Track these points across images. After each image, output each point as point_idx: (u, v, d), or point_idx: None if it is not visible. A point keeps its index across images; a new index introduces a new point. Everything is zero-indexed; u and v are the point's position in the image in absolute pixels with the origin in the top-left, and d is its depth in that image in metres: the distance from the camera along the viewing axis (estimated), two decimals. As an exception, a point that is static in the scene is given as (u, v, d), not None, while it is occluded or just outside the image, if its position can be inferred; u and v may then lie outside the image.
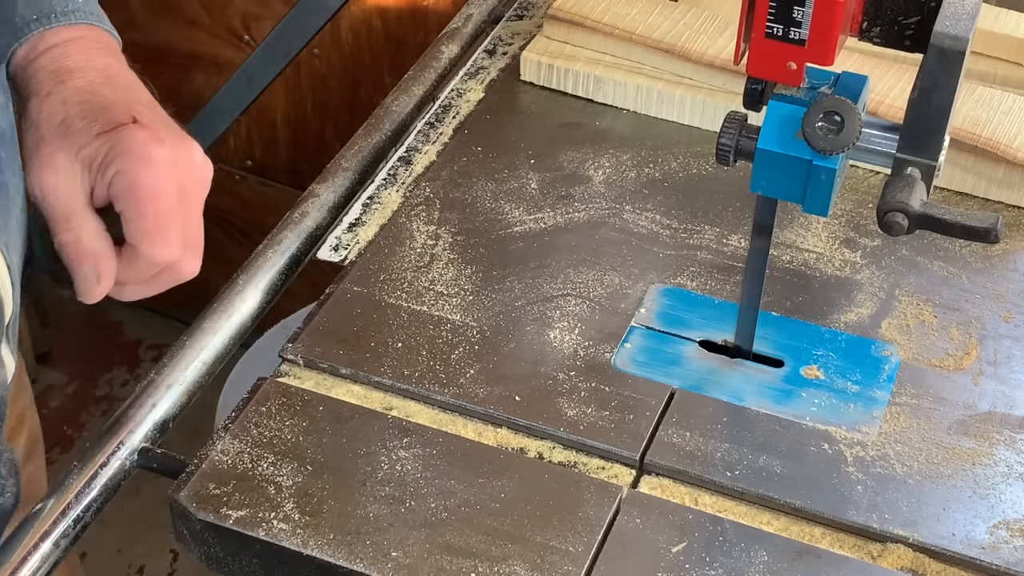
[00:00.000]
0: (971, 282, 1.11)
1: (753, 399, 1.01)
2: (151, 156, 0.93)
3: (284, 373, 1.04)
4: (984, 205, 1.17)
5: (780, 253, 1.12)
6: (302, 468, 0.96)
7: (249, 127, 2.16)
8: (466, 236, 1.14)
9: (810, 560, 0.92)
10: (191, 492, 0.94)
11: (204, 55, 2.11)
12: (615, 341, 1.05)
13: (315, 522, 0.93)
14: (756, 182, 0.93)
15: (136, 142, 0.93)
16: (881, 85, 1.18)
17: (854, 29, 0.88)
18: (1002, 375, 1.04)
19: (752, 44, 0.88)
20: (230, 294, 1.08)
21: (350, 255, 1.13)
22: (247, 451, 0.97)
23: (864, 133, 0.89)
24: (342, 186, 1.17)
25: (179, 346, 1.04)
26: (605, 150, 1.23)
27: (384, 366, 1.03)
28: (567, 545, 0.92)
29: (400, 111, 1.25)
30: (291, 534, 0.92)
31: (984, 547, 0.92)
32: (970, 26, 0.85)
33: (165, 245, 0.94)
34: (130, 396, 1.01)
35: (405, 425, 1.00)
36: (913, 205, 0.87)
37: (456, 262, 1.12)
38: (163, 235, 0.94)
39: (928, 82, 0.86)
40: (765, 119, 0.91)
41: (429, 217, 1.16)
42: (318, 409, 1.01)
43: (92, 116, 0.95)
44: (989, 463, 0.97)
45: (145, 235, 0.93)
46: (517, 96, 1.29)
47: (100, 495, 0.95)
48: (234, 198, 2.27)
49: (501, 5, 1.39)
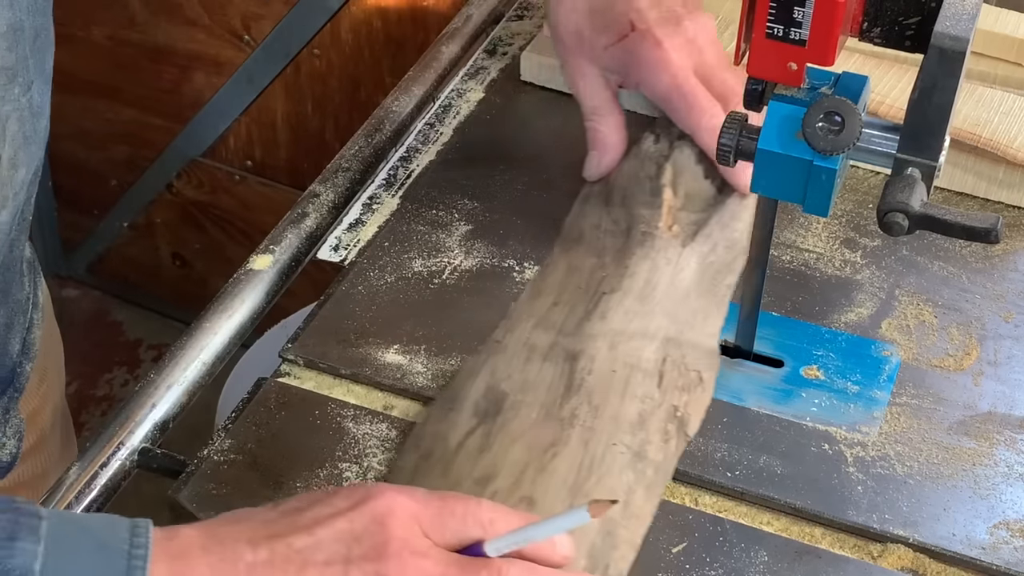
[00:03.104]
0: (971, 282, 1.11)
1: (753, 399, 1.01)
2: (656, 62, 1.08)
3: (284, 373, 1.04)
4: (984, 205, 1.17)
5: (780, 253, 1.12)
6: (302, 468, 0.96)
7: (249, 127, 2.17)
8: (466, 236, 1.14)
9: (810, 560, 0.92)
10: (191, 492, 0.94)
11: (204, 55, 2.11)
12: (615, 341, 1.05)
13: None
14: (756, 182, 0.93)
15: (641, 53, 1.09)
16: (881, 85, 1.18)
17: (854, 29, 0.88)
18: (1002, 375, 1.04)
19: (752, 44, 0.88)
20: (230, 294, 1.08)
21: (350, 255, 1.13)
22: (247, 451, 0.97)
23: (864, 133, 0.89)
24: (342, 186, 1.18)
25: (179, 346, 1.04)
26: (605, 150, 1.23)
27: (384, 366, 1.03)
28: (567, 545, 0.92)
29: (400, 111, 1.25)
30: (291, 534, 0.92)
31: (984, 547, 0.92)
32: (970, 26, 0.85)
33: (710, 117, 1.07)
34: (130, 396, 1.01)
35: (405, 425, 1.00)
36: (913, 205, 0.87)
37: (456, 262, 1.12)
38: (702, 113, 1.08)
39: (928, 82, 0.86)
40: (765, 119, 0.91)
41: (429, 217, 1.16)
42: (318, 409, 1.01)
43: (598, 27, 1.10)
44: (989, 463, 0.97)
45: (691, 123, 1.09)
46: (517, 96, 1.29)
47: (100, 495, 0.95)
48: (234, 198, 2.27)
49: (501, 5, 1.39)
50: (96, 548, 0.72)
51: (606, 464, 0.92)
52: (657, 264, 1.05)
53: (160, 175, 2.31)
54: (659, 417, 0.96)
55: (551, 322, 1.03)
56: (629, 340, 1.00)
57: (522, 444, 0.93)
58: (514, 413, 0.95)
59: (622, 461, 0.93)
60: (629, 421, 0.95)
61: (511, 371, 0.99)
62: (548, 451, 0.93)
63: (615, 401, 0.96)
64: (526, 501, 0.89)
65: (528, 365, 0.99)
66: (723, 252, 1.08)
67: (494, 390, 0.97)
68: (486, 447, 0.93)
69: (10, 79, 0.83)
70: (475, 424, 0.96)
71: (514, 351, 1.00)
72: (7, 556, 0.70)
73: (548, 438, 0.93)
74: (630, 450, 0.93)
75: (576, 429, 0.94)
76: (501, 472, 0.91)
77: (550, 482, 0.91)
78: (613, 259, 1.06)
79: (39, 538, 0.71)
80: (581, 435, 0.94)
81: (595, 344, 1.00)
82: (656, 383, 0.98)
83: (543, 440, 0.93)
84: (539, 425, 0.94)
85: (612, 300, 1.03)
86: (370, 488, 0.77)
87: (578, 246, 1.09)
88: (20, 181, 0.90)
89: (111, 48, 2.18)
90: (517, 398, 0.96)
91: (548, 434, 0.94)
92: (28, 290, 1.06)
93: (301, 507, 0.77)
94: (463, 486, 0.91)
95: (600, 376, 0.97)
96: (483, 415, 0.96)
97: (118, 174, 2.36)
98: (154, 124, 2.24)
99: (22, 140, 0.87)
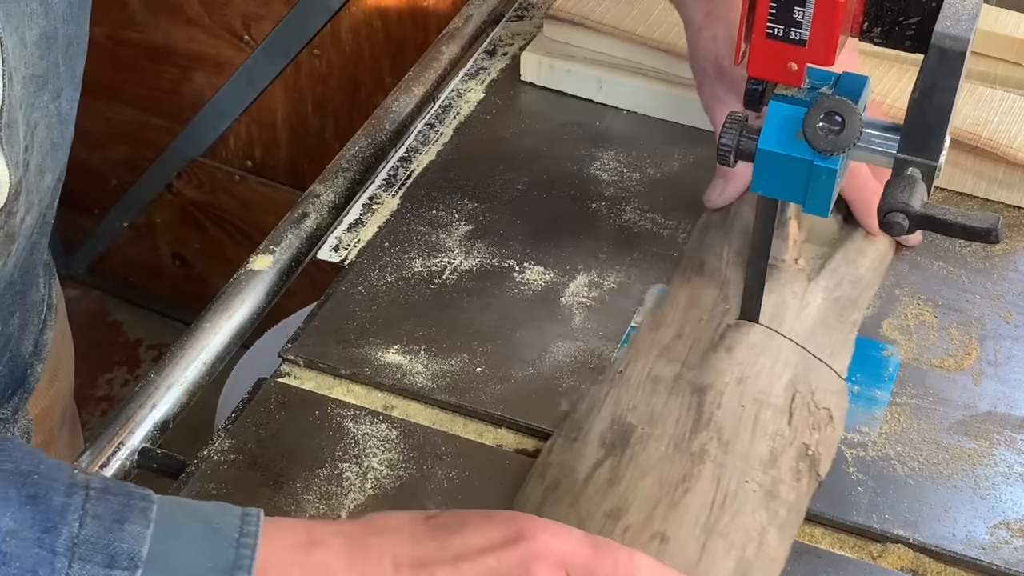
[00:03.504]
0: (971, 282, 1.11)
1: (753, 399, 1.01)
2: None
3: (284, 373, 1.04)
4: (984, 205, 1.17)
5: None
6: (302, 468, 0.96)
7: (249, 127, 2.16)
8: (466, 236, 1.14)
9: (810, 560, 0.92)
10: (191, 492, 0.94)
11: (204, 55, 2.11)
12: (615, 341, 1.05)
13: (315, 522, 0.93)
14: (756, 182, 0.93)
15: None
16: (881, 85, 1.18)
17: (854, 29, 0.88)
18: (1002, 375, 1.04)
19: (753, 44, 0.88)
20: (230, 294, 1.08)
21: (350, 255, 1.13)
22: (247, 451, 0.97)
23: (864, 133, 0.89)
24: (342, 186, 1.18)
25: (179, 346, 1.04)
26: (605, 150, 1.23)
27: (384, 366, 1.03)
28: (567, 545, 0.92)
29: (400, 111, 1.25)
30: (291, 534, 0.92)
31: (984, 547, 0.92)
32: (971, 26, 0.85)
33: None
34: (130, 396, 1.01)
35: (405, 425, 1.00)
36: (913, 205, 0.87)
37: (456, 262, 1.12)
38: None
39: (929, 82, 0.86)
40: (766, 119, 0.91)
41: (429, 217, 1.16)
42: (318, 409, 1.01)
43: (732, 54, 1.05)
44: (989, 463, 0.97)
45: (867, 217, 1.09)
46: (517, 96, 1.29)
47: (100, 495, 0.95)
48: (234, 198, 2.27)
49: (501, 5, 1.39)
50: (204, 533, 0.73)
51: (739, 502, 0.91)
52: (784, 298, 1.04)
53: (160, 175, 2.31)
54: (790, 455, 0.94)
55: (675, 354, 1.01)
56: (757, 376, 0.98)
57: (652, 478, 0.92)
58: (643, 446, 0.94)
59: (755, 499, 0.91)
60: (760, 458, 0.93)
61: (636, 402, 0.97)
62: (679, 486, 0.91)
63: (745, 437, 0.94)
64: (658, 538, 0.88)
65: (654, 397, 0.98)
66: (849, 288, 1.06)
67: (620, 421, 0.96)
68: (615, 480, 0.92)
69: (40, 86, 0.84)
70: (603, 456, 0.94)
71: (638, 382, 0.99)
72: (116, 539, 0.72)
73: (679, 473, 0.92)
74: (762, 488, 0.91)
75: (707, 464, 0.92)
76: (632, 506, 0.90)
77: (683, 519, 0.89)
78: (736, 291, 1.04)
79: (149, 521, 0.72)
80: (712, 471, 0.92)
81: (722, 378, 0.98)
82: (786, 420, 0.96)
83: (674, 475, 0.92)
84: (669, 459, 0.93)
85: (738, 334, 1.01)
86: (526, 524, 0.76)
87: (699, 277, 1.07)
88: (46, 187, 0.90)
89: (111, 48, 2.18)
90: (645, 430, 0.95)
91: (679, 468, 0.92)
92: (43, 291, 1.06)
93: (453, 527, 0.76)
94: (593, 519, 0.89)
95: (729, 411, 0.96)
96: (610, 447, 0.94)
97: (118, 174, 2.36)
98: (154, 124, 2.24)
99: (49, 147, 0.88)
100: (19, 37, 0.79)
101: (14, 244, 0.88)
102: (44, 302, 1.07)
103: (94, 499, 0.73)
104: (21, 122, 0.82)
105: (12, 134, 0.81)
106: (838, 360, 1.02)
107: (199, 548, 0.73)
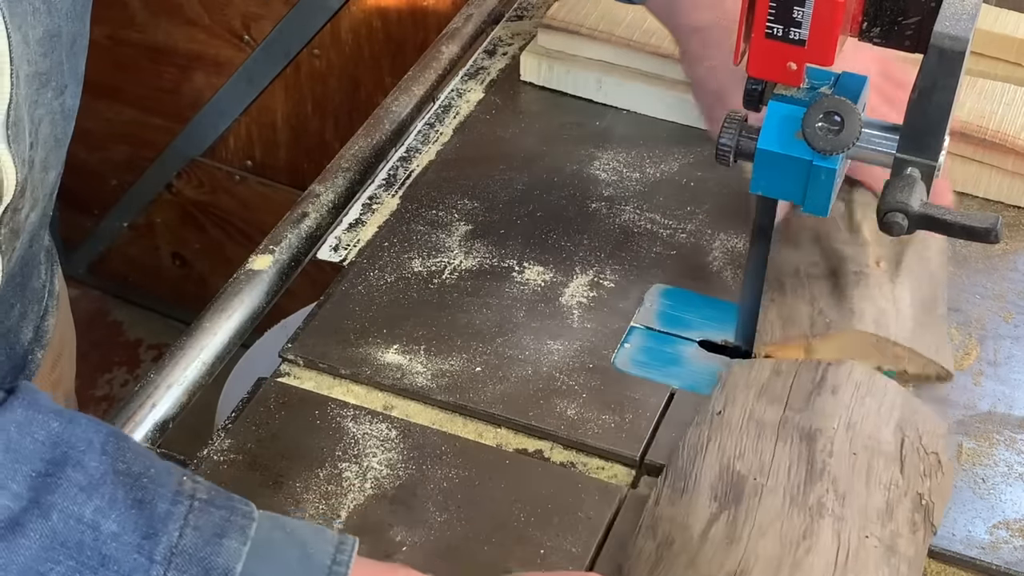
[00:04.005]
0: (971, 282, 1.11)
1: (753, 399, 1.01)
2: None
3: (284, 373, 1.04)
4: (984, 205, 1.17)
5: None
6: (302, 468, 0.96)
7: (249, 127, 2.16)
8: (466, 236, 1.14)
9: (810, 560, 0.92)
10: (191, 492, 0.94)
11: (204, 55, 2.11)
12: (615, 341, 1.05)
13: (315, 522, 0.93)
14: (756, 182, 0.93)
15: None
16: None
17: (854, 29, 0.88)
18: (1002, 375, 1.04)
19: (752, 44, 0.88)
20: (230, 294, 1.08)
21: (350, 255, 1.13)
22: (247, 451, 0.97)
23: (864, 133, 0.89)
24: (342, 186, 1.18)
25: (179, 346, 1.04)
26: (605, 150, 1.23)
27: (384, 366, 1.03)
28: (567, 545, 0.92)
29: (400, 111, 1.25)
30: (291, 534, 0.92)
31: (984, 547, 0.92)
32: (970, 26, 0.85)
33: None
34: (130, 396, 1.01)
35: (405, 425, 1.00)
36: (913, 205, 0.87)
37: (456, 262, 1.12)
38: None
39: (928, 82, 0.86)
40: (765, 119, 0.91)
41: (429, 217, 1.16)
42: (318, 409, 1.01)
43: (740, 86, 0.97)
44: (989, 463, 0.97)
45: None
46: (517, 96, 1.29)
47: (100, 495, 0.95)
48: (234, 198, 2.27)
49: (501, 5, 1.39)
50: (299, 558, 0.75)
51: (861, 560, 0.87)
52: (879, 304, 1.01)
53: (160, 175, 2.31)
54: (906, 506, 0.91)
55: (775, 394, 0.97)
56: (864, 419, 0.94)
57: (772, 536, 0.88)
58: (757, 500, 0.90)
59: (876, 556, 0.87)
60: (877, 510, 0.90)
61: (742, 449, 0.93)
62: (800, 544, 0.87)
63: (861, 488, 0.91)
64: None
65: (760, 443, 0.94)
66: (928, 284, 1.05)
67: (729, 471, 0.92)
68: (734, 538, 0.88)
69: (44, 84, 0.84)
70: (716, 510, 0.90)
71: (741, 426, 0.95)
72: (213, 553, 0.73)
73: (799, 529, 0.88)
74: (882, 543, 0.88)
75: (826, 519, 0.89)
76: (754, 568, 0.86)
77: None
78: (828, 303, 1.02)
79: (247, 538, 0.74)
80: (832, 526, 0.88)
81: (831, 423, 0.94)
82: (899, 468, 0.92)
83: (794, 532, 0.88)
84: (787, 514, 0.89)
85: (839, 372, 0.97)
86: None
87: (783, 296, 1.04)
88: (50, 183, 0.91)
89: (111, 48, 2.18)
90: (758, 481, 0.91)
91: (798, 525, 0.88)
92: (45, 278, 1.07)
93: None
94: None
95: (841, 459, 0.92)
96: (723, 500, 0.91)
97: (118, 174, 2.36)
98: (154, 124, 2.24)
99: (53, 143, 0.88)
100: (22, 35, 0.80)
101: (18, 240, 0.88)
102: (45, 288, 1.07)
103: (197, 510, 0.74)
104: (27, 119, 0.83)
105: (19, 132, 0.81)
106: (944, 357, 1.01)
107: (291, 571, 0.74)
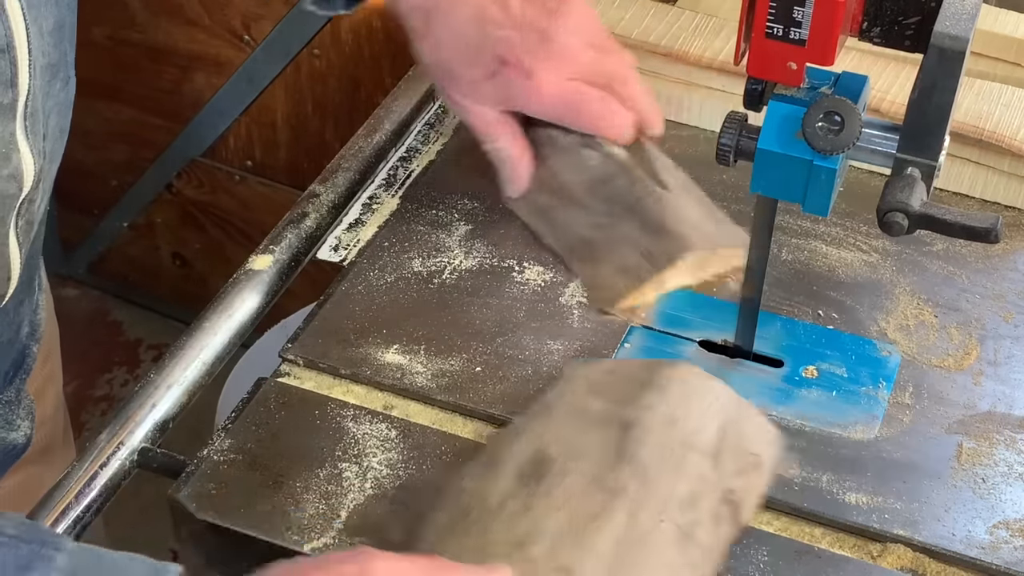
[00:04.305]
0: (971, 282, 1.11)
1: (753, 399, 1.01)
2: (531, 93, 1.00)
3: (284, 373, 1.04)
4: (984, 205, 1.17)
5: (780, 253, 1.12)
6: (302, 468, 0.96)
7: (249, 127, 2.16)
8: (466, 236, 1.14)
9: (810, 560, 0.92)
10: (191, 492, 0.94)
11: (204, 55, 2.11)
12: (615, 341, 1.05)
13: (315, 522, 0.93)
14: (756, 182, 0.93)
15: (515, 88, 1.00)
16: (881, 82, 1.18)
17: (854, 29, 0.89)
18: (1002, 375, 1.04)
19: (752, 44, 0.88)
20: (230, 294, 1.08)
21: (350, 255, 1.13)
22: (247, 451, 0.97)
23: (864, 133, 0.89)
24: (342, 186, 1.18)
25: (179, 346, 1.04)
26: (605, 150, 1.23)
27: (384, 366, 1.03)
28: (567, 545, 0.92)
29: (400, 111, 1.25)
30: (292, 534, 0.92)
31: (984, 547, 0.92)
32: (970, 26, 0.85)
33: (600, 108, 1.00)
34: (130, 396, 1.01)
35: (405, 425, 1.00)
36: (913, 205, 0.87)
37: (456, 262, 1.12)
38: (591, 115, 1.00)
39: (928, 82, 0.86)
40: (765, 119, 0.91)
41: (429, 217, 1.16)
42: (318, 409, 1.01)
43: (466, 62, 1.01)
44: (989, 463, 0.97)
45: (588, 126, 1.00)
46: (517, 96, 1.29)
47: (100, 495, 0.96)
48: (234, 198, 2.27)
49: (501, 5, 1.39)
50: None
51: (651, 541, 0.87)
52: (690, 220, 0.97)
53: (160, 175, 2.31)
54: (712, 499, 0.90)
55: (603, 389, 0.96)
56: (687, 417, 0.93)
57: (566, 511, 0.87)
58: (561, 479, 0.90)
59: (668, 539, 0.87)
60: (680, 499, 0.89)
61: (559, 436, 0.93)
62: (593, 522, 0.87)
63: (668, 478, 0.90)
64: (563, 571, 0.85)
65: (578, 432, 0.93)
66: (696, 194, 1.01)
67: (541, 453, 0.92)
68: (527, 511, 0.88)
69: (54, 75, 0.85)
70: (518, 486, 0.90)
71: (564, 416, 0.94)
72: None
73: (594, 508, 0.88)
74: (680, 530, 0.87)
75: (623, 500, 0.88)
76: (541, 539, 0.86)
77: (590, 554, 0.86)
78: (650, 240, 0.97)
79: (51, 570, 0.72)
80: (628, 507, 0.88)
81: (650, 417, 0.93)
82: (711, 464, 0.91)
83: (589, 509, 0.88)
84: (585, 493, 0.89)
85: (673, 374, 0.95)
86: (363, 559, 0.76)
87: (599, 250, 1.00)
88: (55, 173, 0.92)
89: (111, 48, 2.18)
90: (566, 465, 0.91)
91: (594, 504, 0.88)
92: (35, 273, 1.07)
93: None
94: (497, 548, 0.86)
95: (653, 449, 0.91)
96: (527, 479, 0.90)
97: (118, 174, 2.36)
98: (154, 124, 2.24)
99: (58, 134, 0.89)
100: (38, 27, 0.80)
101: (33, 231, 0.89)
102: (35, 282, 1.08)
103: (4, 545, 0.73)
104: (40, 111, 0.83)
105: (35, 123, 0.82)
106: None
107: None
